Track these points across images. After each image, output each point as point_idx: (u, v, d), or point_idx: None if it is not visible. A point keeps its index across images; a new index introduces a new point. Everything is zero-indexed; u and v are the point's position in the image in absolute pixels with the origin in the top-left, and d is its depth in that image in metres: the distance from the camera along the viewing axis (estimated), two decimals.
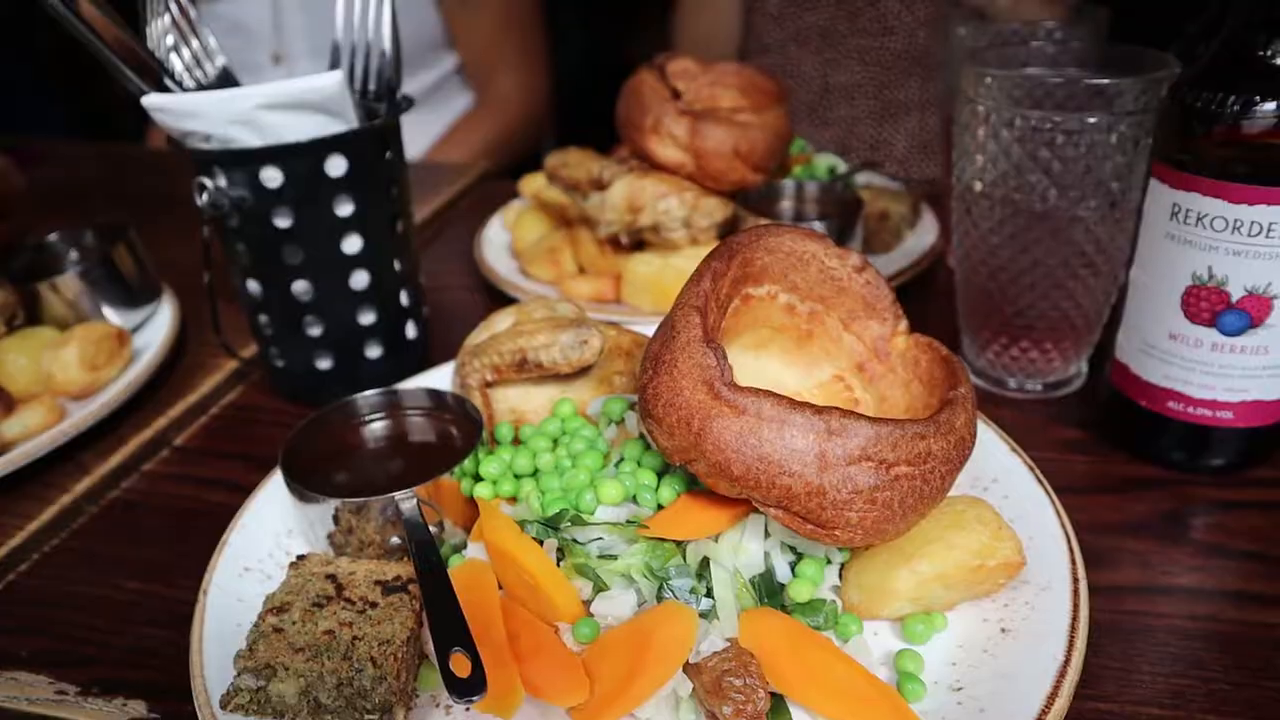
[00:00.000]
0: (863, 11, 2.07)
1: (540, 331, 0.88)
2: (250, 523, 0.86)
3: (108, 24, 0.94)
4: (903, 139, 2.09)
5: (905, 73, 2.07)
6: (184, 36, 1.07)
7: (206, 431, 1.11)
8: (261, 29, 2.16)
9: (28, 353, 1.10)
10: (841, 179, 1.41)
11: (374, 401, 0.87)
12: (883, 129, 2.10)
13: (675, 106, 1.27)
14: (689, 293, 0.73)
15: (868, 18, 2.07)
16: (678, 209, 1.22)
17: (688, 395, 0.68)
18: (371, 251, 1.03)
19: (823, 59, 2.13)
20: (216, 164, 0.96)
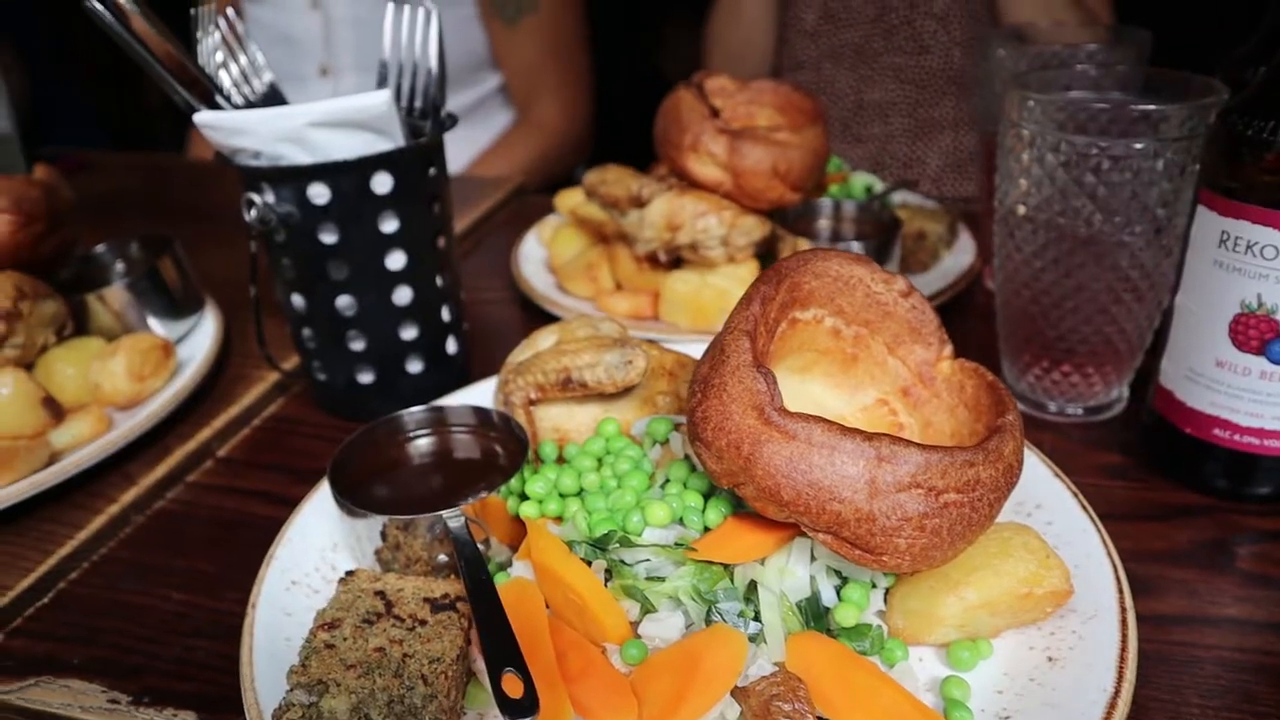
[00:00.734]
0: (898, 30, 2.07)
1: (585, 351, 0.89)
2: (296, 536, 0.86)
3: (160, 40, 0.96)
4: (936, 157, 2.09)
5: (940, 91, 2.07)
6: (232, 52, 1.09)
7: (249, 443, 1.12)
8: (311, 42, 2.19)
9: (76, 363, 1.11)
10: (878, 198, 1.41)
11: (420, 418, 0.88)
12: (916, 147, 2.10)
13: (714, 125, 1.28)
14: (738, 317, 0.73)
15: (903, 36, 2.07)
16: (716, 227, 1.22)
17: (738, 419, 0.68)
18: (414, 267, 1.04)
19: (857, 76, 2.14)
20: (265, 180, 0.97)
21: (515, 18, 2.19)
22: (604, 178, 1.27)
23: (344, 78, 2.20)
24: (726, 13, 2.22)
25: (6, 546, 0.95)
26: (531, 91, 2.27)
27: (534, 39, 2.21)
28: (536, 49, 2.22)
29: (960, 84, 2.07)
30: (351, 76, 2.20)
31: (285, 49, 2.21)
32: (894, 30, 2.09)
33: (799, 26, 2.19)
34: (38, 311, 1.09)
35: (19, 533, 0.97)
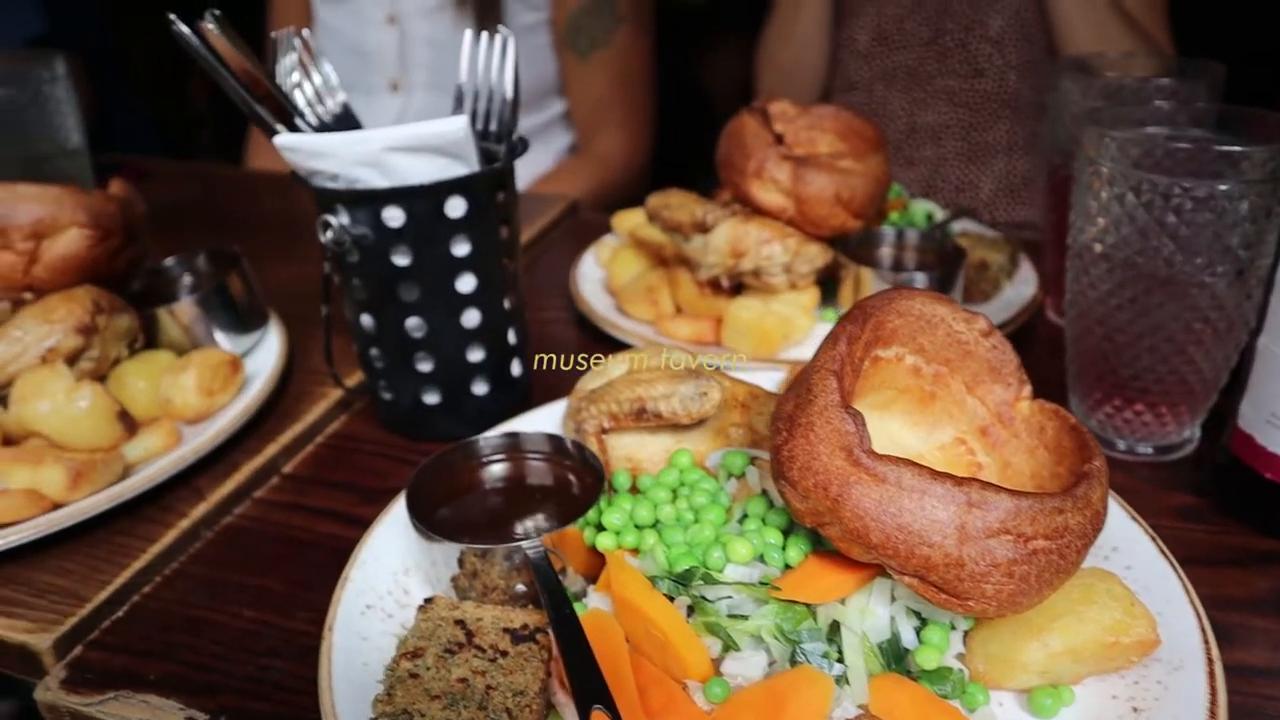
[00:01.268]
0: (953, 53, 2.07)
1: (659, 381, 0.89)
2: (369, 559, 0.87)
3: (242, 62, 0.97)
4: (989, 181, 2.08)
5: (994, 115, 2.06)
6: (306, 71, 1.10)
7: (314, 460, 1.13)
8: (384, 56, 2.21)
9: (147, 376, 1.13)
10: (940, 227, 1.40)
11: (495, 443, 0.89)
12: (969, 171, 2.09)
13: (778, 151, 1.28)
14: (825, 356, 0.73)
15: (958, 59, 2.07)
16: (780, 255, 1.23)
17: (825, 460, 0.68)
18: (483, 290, 1.05)
19: (910, 99, 2.13)
20: (341, 202, 0.99)
21: (587, 52, 2.21)
22: (667, 202, 1.28)
23: (414, 95, 2.22)
24: (779, 32, 2.22)
25: (83, 558, 0.96)
26: (595, 123, 2.28)
27: (602, 73, 2.23)
28: (604, 82, 2.24)
29: (1015, 108, 2.06)
30: (421, 94, 2.22)
31: (357, 60, 2.23)
32: (948, 53, 2.08)
33: (852, 47, 2.19)
34: (113, 325, 1.11)
35: (94, 545, 0.98)
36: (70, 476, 0.96)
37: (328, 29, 2.31)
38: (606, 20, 2.22)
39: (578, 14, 2.20)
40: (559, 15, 2.22)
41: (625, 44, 2.25)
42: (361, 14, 2.23)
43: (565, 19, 2.21)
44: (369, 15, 2.22)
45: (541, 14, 2.23)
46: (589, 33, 2.20)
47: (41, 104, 1.53)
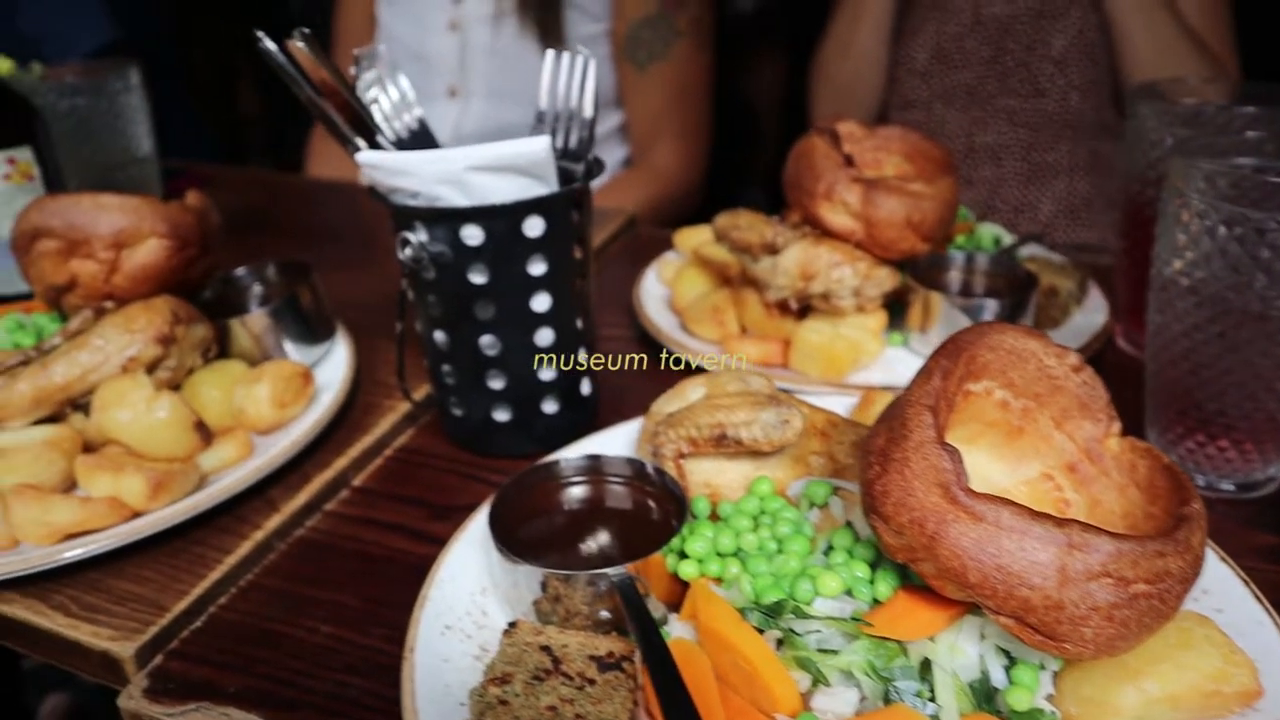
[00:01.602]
0: (1014, 72, 2.05)
1: (740, 408, 0.89)
2: (446, 579, 0.87)
3: (329, 78, 0.98)
4: (1049, 203, 2.06)
5: (1055, 135, 2.04)
6: (384, 87, 1.11)
7: (383, 474, 1.14)
8: (444, 63, 2.24)
9: (220, 386, 1.14)
10: (1009, 251, 1.39)
11: (577, 465, 0.89)
12: (1028, 191, 2.07)
13: (848, 173, 1.27)
14: (920, 390, 0.73)
15: (1018, 78, 2.05)
16: (850, 278, 1.22)
17: (920, 496, 0.68)
18: (557, 310, 1.05)
19: (969, 118, 2.12)
20: (420, 220, 0.99)
21: (646, 63, 2.22)
22: (736, 222, 1.28)
23: (471, 101, 2.24)
24: (837, 46, 2.21)
25: (161, 567, 0.97)
26: (651, 136, 2.29)
27: (660, 85, 2.23)
28: (661, 95, 2.24)
29: (1076, 128, 2.04)
30: (479, 101, 2.24)
31: (417, 66, 2.26)
32: (1009, 72, 2.07)
33: (910, 65, 2.18)
34: (189, 335, 1.12)
35: (171, 554, 0.99)
36: (151, 486, 0.97)
37: (389, 33, 2.34)
38: (666, 33, 2.22)
39: (638, 26, 2.21)
40: (619, 27, 2.23)
41: (684, 57, 2.26)
42: (424, 20, 2.25)
43: (625, 31, 2.22)
44: (431, 21, 2.24)
45: (602, 25, 2.24)
46: (648, 45, 2.21)
47: (117, 113, 1.56)
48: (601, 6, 2.23)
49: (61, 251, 1.14)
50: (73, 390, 1.06)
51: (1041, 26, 2.00)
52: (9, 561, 0.93)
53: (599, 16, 2.22)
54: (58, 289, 1.18)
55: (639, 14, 2.21)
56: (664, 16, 2.22)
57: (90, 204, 1.13)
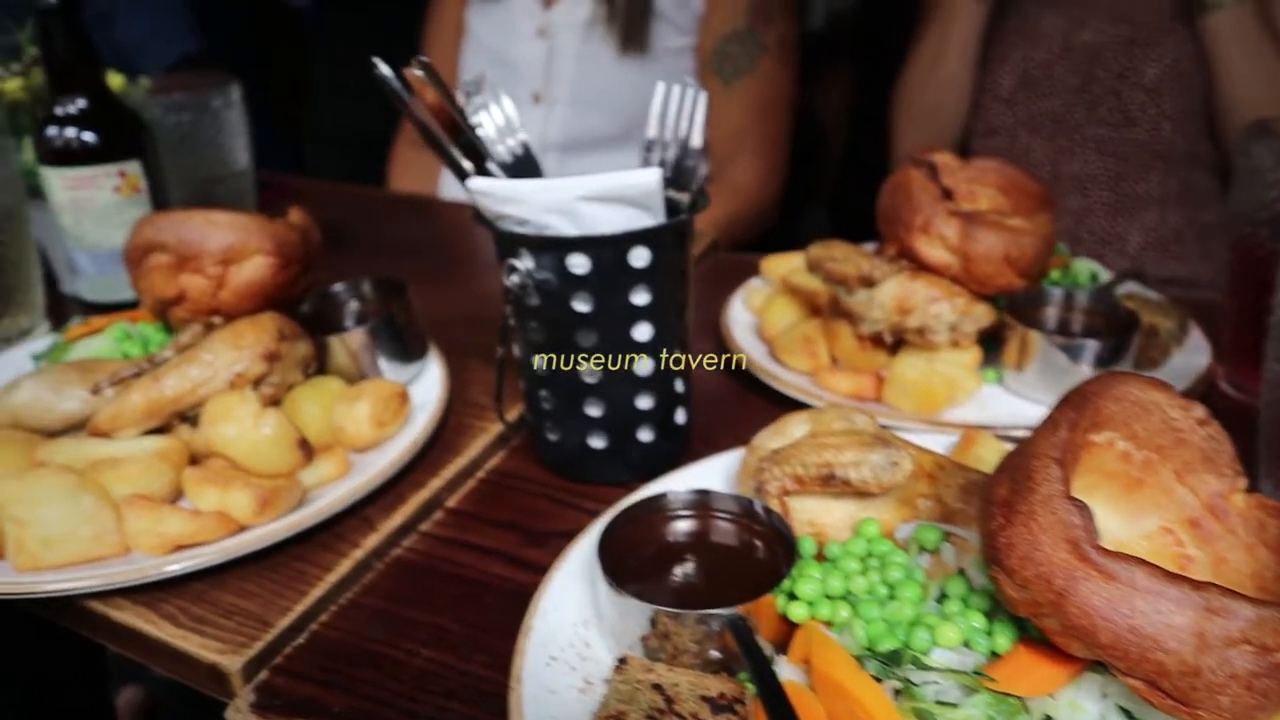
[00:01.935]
0: (1103, 100, 2.02)
1: (848, 447, 0.88)
2: (549, 609, 0.88)
3: (444, 106, 1.00)
4: (1137, 235, 2.02)
5: (1145, 166, 2.00)
6: (489, 111, 1.12)
7: (476, 496, 1.15)
8: (529, 68, 2.27)
9: (319, 403, 1.16)
10: (1107, 289, 1.37)
11: (685, 500, 0.88)
12: (1116, 223, 2.04)
13: (946, 207, 1.26)
14: (1046, 442, 0.71)
15: (1108, 107, 2.01)
16: (948, 314, 1.21)
17: (1048, 552, 0.66)
18: (658, 340, 1.05)
19: (1055, 146, 2.08)
20: (527, 247, 1.00)
21: (731, 79, 2.22)
22: (831, 254, 1.27)
23: (555, 107, 2.27)
24: (922, 70, 2.19)
25: (264, 582, 0.99)
26: (732, 152, 2.29)
27: (743, 100, 2.24)
28: (744, 110, 2.24)
29: (1168, 159, 2.00)
30: (563, 107, 2.26)
31: (503, 71, 2.29)
32: (1098, 101, 2.03)
33: (995, 92, 2.16)
34: (292, 352, 1.14)
35: (273, 569, 1.01)
36: (258, 502, 0.99)
37: (476, 39, 2.38)
38: (752, 49, 2.23)
39: (724, 40, 2.22)
40: (704, 42, 2.24)
41: (768, 74, 2.26)
42: (513, 26, 2.29)
43: (711, 45, 2.23)
44: (520, 28, 2.28)
45: (688, 39, 2.25)
46: (734, 60, 2.22)
47: (218, 128, 1.60)
48: (689, 21, 2.24)
49: (172, 266, 1.17)
50: (182, 403, 1.08)
51: (1134, 54, 1.97)
52: (123, 570, 0.95)
53: (686, 30, 2.24)
54: (166, 302, 1.21)
55: (726, 29, 2.22)
56: (751, 32, 2.23)
57: (202, 221, 1.16)
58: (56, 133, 1.40)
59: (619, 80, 2.25)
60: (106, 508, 0.99)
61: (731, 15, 2.22)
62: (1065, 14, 2.01)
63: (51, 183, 1.42)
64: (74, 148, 1.40)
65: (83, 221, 1.45)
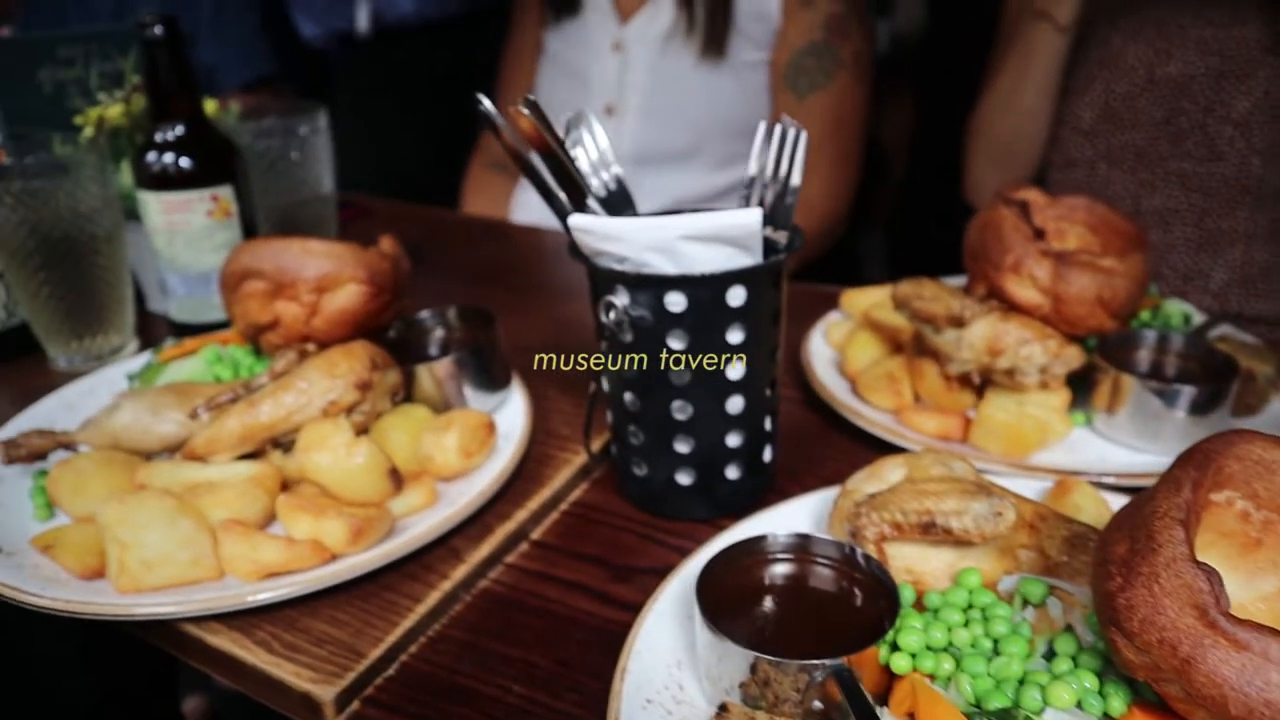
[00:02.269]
0: (1188, 134, 1.98)
1: (949, 495, 0.87)
2: (644, 650, 0.87)
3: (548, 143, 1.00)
4: (1222, 271, 1.97)
5: (1232, 201, 1.96)
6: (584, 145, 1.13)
7: (560, 528, 1.15)
8: (603, 81, 2.29)
9: (407, 431, 1.17)
10: (1201, 331, 1.34)
11: (784, 543, 0.88)
12: (1200, 259, 1.99)
13: (1038, 247, 1.24)
14: (1169, 502, 0.70)
15: (1194, 141, 1.97)
16: (1039, 356, 1.19)
17: (1173, 617, 0.65)
18: (750, 378, 1.05)
19: (1136, 180, 2.05)
20: (623, 284, 1.00)
21: (806, 93, 2.22)
22: (920, 292, 1.25)
23: (626, 119, 2.29)
24: (1000, 100, 2.16)
25: (355, 611, 1.00)
26: None
27: (817, 115, 2.23)
28: (818, 125, 2.23)
29: (1257, 194, 1.95)
30: (634, 119, 2.28)
31: (576, 84, 2.32)
32: (1183, 134, 1.99)
33: (1075, 124, 2.12)
34: (383, 381, 1.16)
35: (364, 598, 1.02)
36: (352, 531, 1.00)
37: (553, 57, 2.41)
38: (828, 63, 2.22)
39: (801, 54, 2.22)
40: (780, 55, 2.24)
41: (843, 88, 2.25)
42: (588, 40, 2.32)
43: (787, 58, 2.23)
44: (596, 42, 2.31)
45: (763, 54, 2.25)
46: (810, 74, 2.22)
47: (305, 153, 1.63)
48: (765, 34, 2.24)
49: (268, 292, 1.19)
50: (277, 429, 1.10)
51: (1223, 87, 1.92)
52: (221, 596, 0.97)
53: (761, 45, 2.24)
54: (259, 327, 1.23)
55: (803, 42, 2.22)
56: (828, 45, 2.22)
57: (299, 249, 1.18)
58: (155, 158, 1.43)
59: (691, 94, 2.27)
60: (203, 532, 1.01)
61: (809, 29, 2.22)
62: (1150, 46, 1.97)
63: (148, 206, 1.46)
64: (171, 173, 1.43)
65: (176, 244, 1.48)
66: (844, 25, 2.25)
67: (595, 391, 1.09)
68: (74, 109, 1.70)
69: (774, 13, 2.23)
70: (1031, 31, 2.06)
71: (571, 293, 1.81)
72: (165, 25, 1.38)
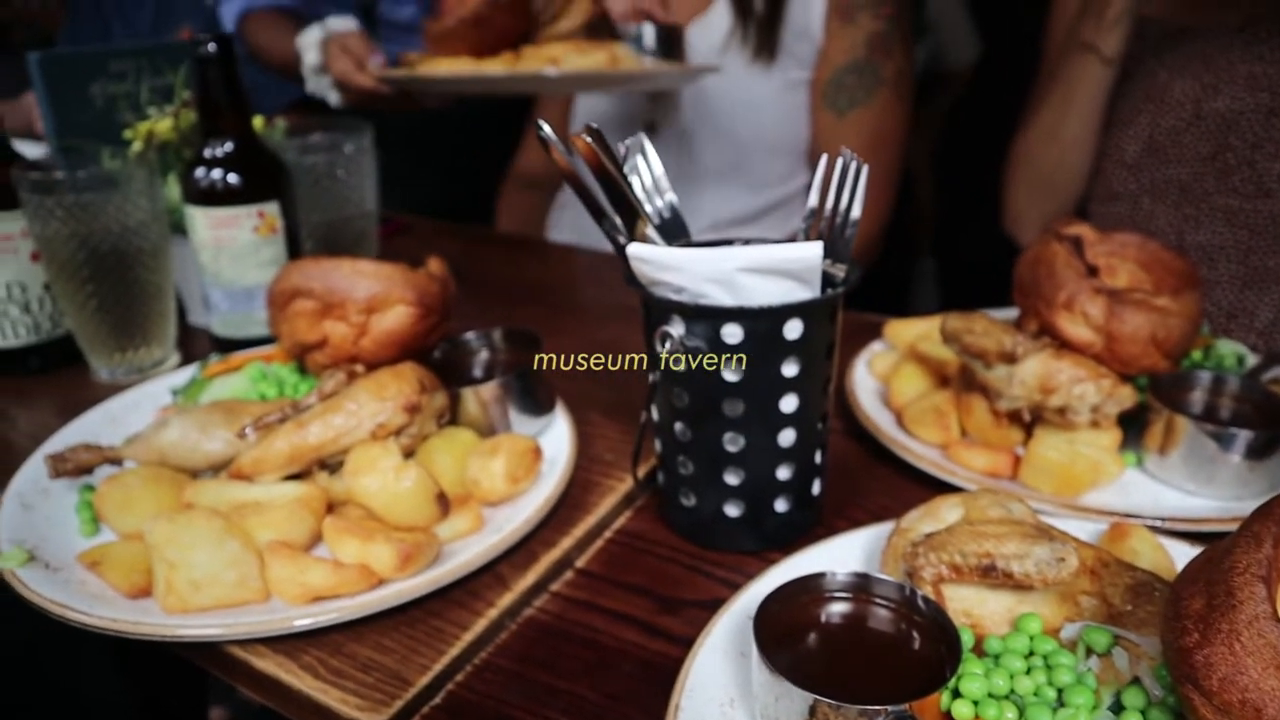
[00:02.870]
0: (1235, 170, 1.96)
1: (1009, 538, 0.86)
2: (695, 686, 0.86)
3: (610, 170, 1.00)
4: (1268, 310, 1.95)
5: (1278, 238, 1.94)
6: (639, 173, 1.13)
7: (605, 556, 1.14)
8: (643, 98, 2.29)
9: (453, 454, 1.17)
10: (1257, 373, 1.32)
11: (842, 582, 0.86)
12: (1245, 296, 1.97)
13: (1091, 285, 1.23)
14: (1248, 559, 0.68)
15: (1240, 177, 1.95)
16: (1093, 395, 1.17)
17: (1255, 677, 0.63)
18: (803, 411, 1.04)
19: (1180, 215, 2.03)
20: (680, 314, 1.00)
21: (846, 110, 2.21)
22: (971, 327, 1.24)
23: (666, 137, 2.28)
24: (1044, 130, 2.14)
25: (401, 638, 0.99)
26: None
27: (856, 133, 2.22)
28: (857, 143, 2.22)
29: None
30: (674, 137, 2.27)
31: (615, 101, 2.32)
32: (1230, 170, 1.97)
33: (1118, 157, 2.11)
34: (430, 404, 1.15)
35: (410, 624, 1.01)
36: (400, 557, 0.99)
37: None
38: (870, 81, 2.22)
39: (843, 72, 2.21)
40: (821, 73, 2.24)
41: (883, 107, 2.24)
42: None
43: (828, 76, 2.23)
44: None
45: (805, 74, 2.25)
46: (850, 92, 2.21)
47: (350, 170, 1.63)
48: (808, 52, 2.24)
49: (317, 312, 1.19)
50: (325, 451, 1.10)
51: (1273, 124, 1.90)
52: (268, 620, 0.96)
53: (804, 64, 2.24)
54: (307, 346, 1.23)
55: (845, 60, 2.22)
56: (870, 63, 2.22)
57: (350, 269, 1.18)
58: (204, 174, 1.44)
59: (733, 111, 2.27)
60: (250, 553, 1.00)
61: (851, 46, 2.22)
62: (1198, 80, 1.96)
63: (196, 221, 1.47)
64: (219, 189, 1.44)
65: (221, 259, 1.49)
66: (887, 43, 2.24)
67: (646, 420, 1.08)
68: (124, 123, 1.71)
69: (817, 30, 2.23)
70: (1077, 63, 2.04)
71: (611, 313, 1.81)
72: (218, 42, 1.39)
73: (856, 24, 2.23)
